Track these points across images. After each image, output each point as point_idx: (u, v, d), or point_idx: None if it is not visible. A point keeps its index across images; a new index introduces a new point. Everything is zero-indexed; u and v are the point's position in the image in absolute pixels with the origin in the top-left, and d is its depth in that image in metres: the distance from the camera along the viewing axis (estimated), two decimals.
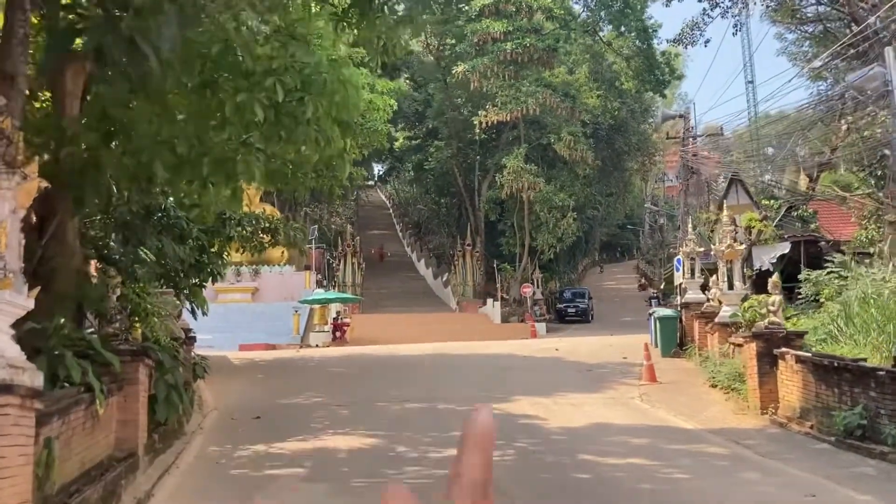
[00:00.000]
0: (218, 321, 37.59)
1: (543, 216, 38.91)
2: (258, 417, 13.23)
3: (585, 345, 25.30)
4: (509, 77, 39.37)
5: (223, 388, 17.05)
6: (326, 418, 13.18)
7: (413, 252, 61.80)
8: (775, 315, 12.67)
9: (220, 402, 15.12)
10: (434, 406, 14.15)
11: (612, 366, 20.16)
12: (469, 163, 50.33)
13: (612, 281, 71.95)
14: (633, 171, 61.06)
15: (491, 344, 27.60)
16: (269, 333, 35.38)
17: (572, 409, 13.75)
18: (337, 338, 34.36)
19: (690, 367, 19.10)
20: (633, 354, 22.15)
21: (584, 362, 20.71)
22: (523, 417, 12.91)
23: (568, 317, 42.20)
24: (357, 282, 44.83)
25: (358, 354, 24.35)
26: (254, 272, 42.33)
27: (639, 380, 17.55)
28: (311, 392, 16.28)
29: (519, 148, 39.53)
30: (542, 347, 24.76)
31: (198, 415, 13.67)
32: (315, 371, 20.54)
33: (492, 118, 38.82)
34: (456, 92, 45.08)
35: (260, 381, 18.64)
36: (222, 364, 22.19)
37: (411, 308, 43.98)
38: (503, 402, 14.52)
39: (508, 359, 21.84)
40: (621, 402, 14.69)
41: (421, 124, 52.39)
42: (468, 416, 0.73)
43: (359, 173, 21.63)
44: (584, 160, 39.08)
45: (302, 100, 7.53)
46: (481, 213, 46.58)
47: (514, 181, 38.13)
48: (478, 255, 44.58)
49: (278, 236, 13.50)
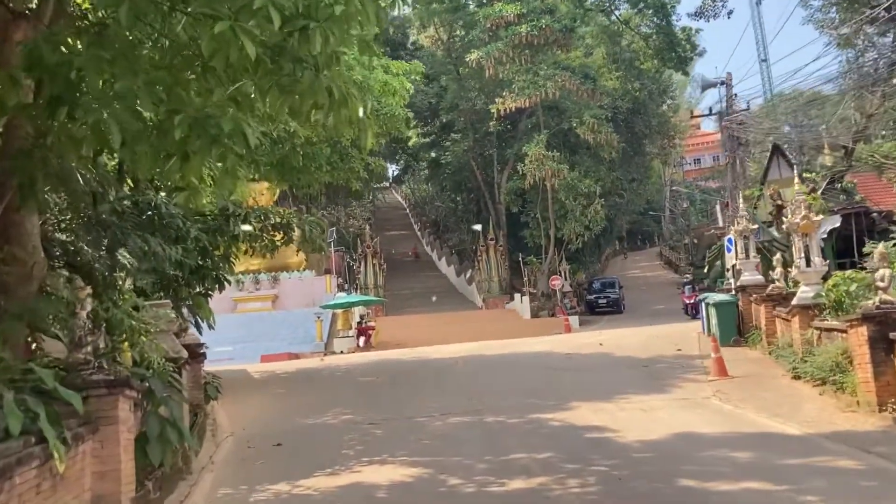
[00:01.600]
0: (238, 332, 35.72)
1: (569, 204, 36.66)
2: (279, 444, 11.13)
3: (630, 337, 23.04)
4: (525, 61, 37.15)
5: (240, 407, 14.99)
6: (359, 441, 11.05)
7: (433, 251, 59.79)
8: (886, 292, 10.39)
9: (237, 426, 13.04)
10: (481, 419, 11.98)
11: (669, 360, 17.91)
12: (486, 156, 48.17)
13: (636, 269, 69.45)
14: (653, 155, 58.66)
15: (525, 341, 25.46)
16: (292, 342, 33.44)
17: (644, 416, 11.54)
18: (362, 343, 32.29)
19: (759, 357, 16.82)
20: (687, 346, 19.95)
21: (635, 357, 18.48)
22: (590, 430, 10.71)
23: (599, 308, 39.98)
24: (379, 283, 42.77)
25: (386, 360, 22.24)
26: (272, 279, 40.44)
27: (706, 375, 15.31)
28: (339, 408, 14.17)
29: (539, 135, 37.26)
30: (583, 342, 22.53)
31: (210, 444, 11.59)
32: (342, 382, 18.45)
33: (509, 105, 36.62)
34: (469, 83, 42.91)
35: (281, 396, 16.56)
36: (241, 379, 20.17)
37: (436, 308, 41.93)
38: (560, 409, 12.34)
39: (550, 357, 19.65)
40: (697, 404, 12.45)
41: (434, 120, 50.24)
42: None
43: (377, 164, 19.40)
44: (609, 143, 36.78)
45: (306, 29, 5.38)
46: (502, 205, 44.39)
47: (536, 169, 35.91)
48: (501, 249, 42.38)
49: (292, 233, 11.36)
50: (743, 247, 20.34)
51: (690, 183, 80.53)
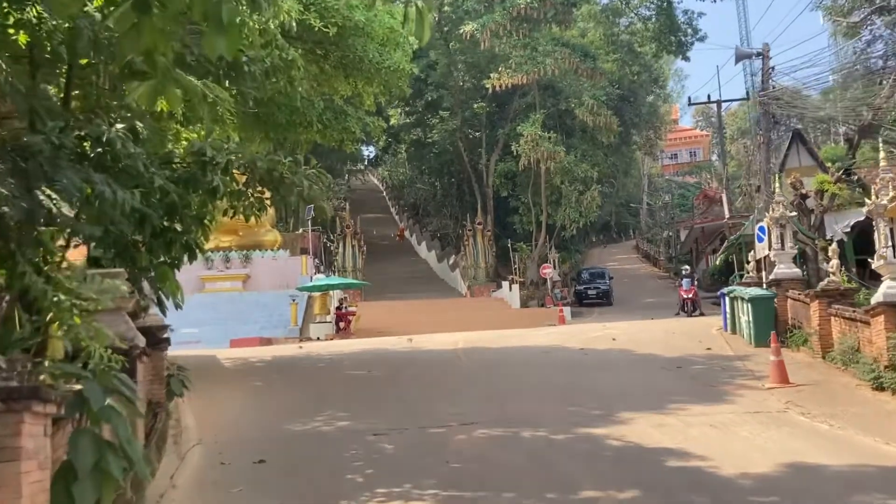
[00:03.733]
0: (205, 313, 32.59)
1: (565, 189, 34.16)
2: (262, 461, 8.46)
3: (643, 332, 20.64)
4: (523, 35, 34.46)
5: (210, 404, 12.26)
6: (366, 460, 8.43)
7: (412, 235, 57.06)
8: None
9: (207, 430, 10.34)
10: (517, 434, 9.42)
11: (702, 360, 15.55)
12: (473, 138, 45.53)
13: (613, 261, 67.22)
14: (639, 145, 56.49)
15: (523, 333, 22.98)
16: (264, 326, 30.59)
17: (723, 436, 9.09)
18: (341, 329, 29.54)
19: (809, 361, 14.48)
20: (712, 344, 17.67)
21: (661, 356, 16.08)
22: (667, 454, 8.22)
23: (587, 299, 37.62)
24: (358, 266, 39.95)
25: (374, 350, 19.57)
26: (244, 258, 37.39)
27: (759, 380, 12.94)
28: (332, 409, 11.53)
29: (535, 114, 34.68)
30: (592, 337, 20.09)
31: (172, 457, 8.89)
32: (329, 375, 15.76)
33: (505, 81, 33.93)
34: (460, 57, 40.15)
35: (259, 391, 13.83)
36: (210, 367, 17.39)
37: (417, 294, 39.25)
38: (611, 422, 9.85)
39: (563, 353, 17.18)
40: (775, 419, 10.05)
41: (419, 99, 47.36)
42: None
43: (375, 125, 16.65)
44: (609, 127, 34.33)
45: None
46: (490, 189, 41.77)
47: (531, 151, 33.31)
48: (489, 234, 39.81)
49: (283, 188, 8.63)
50: (778, 236, 18.04)
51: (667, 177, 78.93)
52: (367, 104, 16.72)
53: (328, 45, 15.12)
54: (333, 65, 15.55)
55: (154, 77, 4.60)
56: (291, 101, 14.95)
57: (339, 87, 15.87)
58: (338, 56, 15.41)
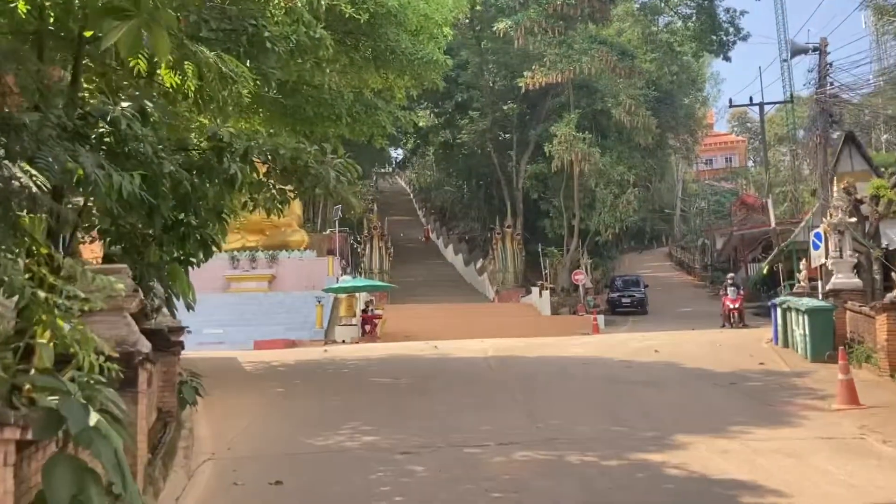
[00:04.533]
0: (230, 313, 32.00)
1: (599, 192, 33.00)
2: (279, 482, 7.57)
3: (686, 344, 19.51)
4: (559, 33, 33.39)
5: (228, 412, 11.44)
6: (394, 485, 7.52)
7: (439, 238, 56.16)
8: None
9: (221, 442, 9.50)
10: (561, 457, 8.43)
11: (756, 376, 14.42)
12: (502, 140, 44.52)
13: (646, 269, 65.71)
14: (675, 149, 55.08)
15: (556, 342, 21.94)
16: (289, 327, 29.85)
17: (797, 466, 8.03)
18: (366, 332, 28.71)
19: (876, 380, 13.26)
20: (763, 357, 16.57)
21: (710, 371, 14.98)
22: (738, 488, 7.18)
23: (621, 307, 36.41)
24: (385, 268, 39.11)
25: (400, 356, 18.67)
26: (270, 258, 36.78)
27: (823, 400, 11.83)
28: (356, 421, 10.63)
29: (570, 114, 33.58)
30: (635, 348, 19.00)
31: (181, 473, 8.02)
32: (354, 382, 14.88)
33: (539, 80, 32.88)
34: (492, 57, 39.17)
35: (279, 399, 12.98)
36: (230, 370, 16.63)
37: (444, 298, 38.29)
38: (667, 447, 8.82)
39: (604, 365, 16.12)
40: (853, 447, 8.95)
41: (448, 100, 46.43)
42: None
43: (407, 119, 15.73)
44: (646, 128, 33.11)
45: None
46: (520, 192, 40.68)
47: (564, 151, 32.20)
48: (518, 238, 38.73)
49: (307, 179, 7.75)
50: (836, 244, 16.85)
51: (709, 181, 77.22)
52: (398, 98, 15.87)
53: (359, 34, 14.29)
54: (364, 55, 14.71)
55: (136, 15, 3.72)
56: (320, 92, 14.18)
57: (370, 79, 15.04)
58: (369, 46, 14.57)
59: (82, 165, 4.92)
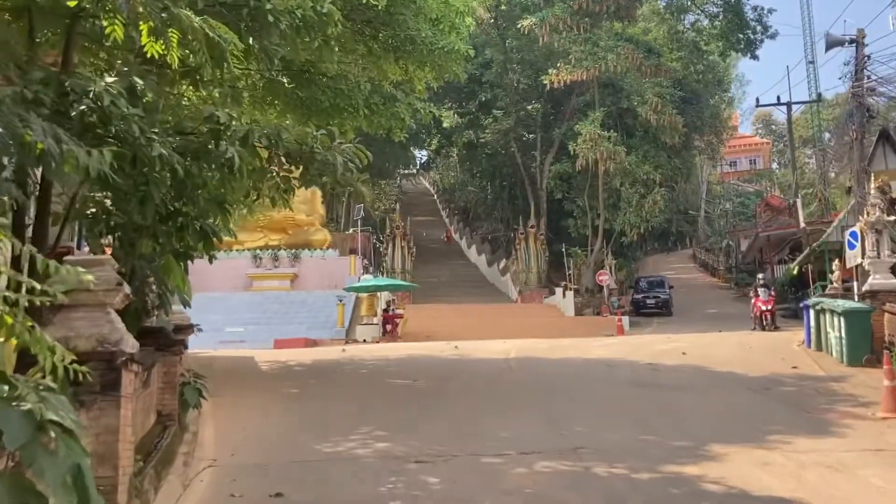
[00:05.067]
0: (251, 312, 31.57)
1: (625, 192, 32.07)
2: (279, 495, 6.90)
3: (714, 346, 18.62)
4: (584, 30, 32.52)
5: (236, 413, 10.83)
6: (405, 497, 6.84)
7: (462, 238, 55.47)
8: None
9: (224, 447, 8.87)
10: (589, 470, 7.67)
11: (790, 381, 13.52)
12: (525, 140, 43.71)
13: (669, 270, 64.39)
14: (700, 150, 53.89)
15: (579, 343, 21.12)
16: (311, 326, 29.32)
17: (846, 481, 7.22)
18: (387, 332, 28.07)
19: None
20: (796, 360, 15.64)
21: (742, 375, 14.09)
22: None
23: (645, 309, 35.40)
24: (407, 268, 38.47)
25: (420, 357, 17.98)
26: (293, 256, 36.36)
27: (865, 407, 10.92)
28: (370, 426, 9.94)
29: (594, 112, 32.69)
30: (661, 350, 18.13)
31: (175, 482, 7.38)
32: (370, 383, 14.20)
33: (564, 77, 32.04)
34: (516, 55, 38.37)
35: (292, 401, 12.33)
36: (245, 370, 16.06)
37: (466, 298, 37.58)
38: (703, 458, 8.03)
39: (629, 368, 15.28)
40: None
41: (472, 100, 45.70)
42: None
43: (426, 112, 15.01)
44: (673, 127, 32.11)
45: None
46: (544, 192, 39.84)
47: (589, 150, 31.32)
48: (542, 238, 37.87)
49: (313, 166, 7.06)
50: (874, 243, 15.87)
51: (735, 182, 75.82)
52: (418, 90, 15.17)
53: (378, 23, 13.62)
54: (382, 45, 14.03)
55: None
56: (336, 82, 13.53)
57: (389, 69, 14.34)
58: (387, 35, 13.90)
59: (33, 133, 4.26)
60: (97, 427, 5.58)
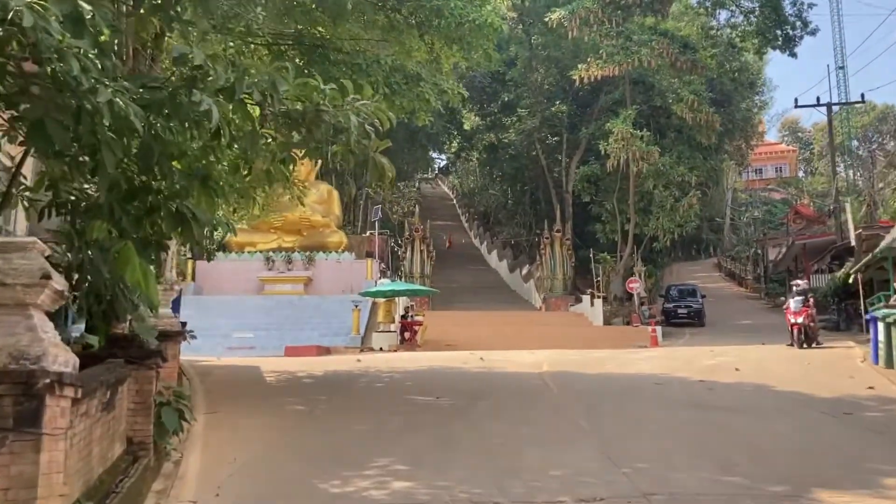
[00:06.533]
0: (263, 317, 29.89)
1: (658, 195, 30.18)
2: None
3: (767, 361, 16.82)
4: (616, 24, 30.76)
5: (230, 437, 9.17)
6: None
7: (482, 243, 53.76)
8: None
9: (210, 482, 7.20)
10: None
11: (871, 404, 11.68)
12: (550, 143, 41.96)
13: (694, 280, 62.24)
14: (730, 154, 51.86)
15: (616, 356, 19.43)
16: (324, 333, 27.69)
17: None
18: (406, 339, 26.39)
19: None
20: (866, 379, 13.83)
21: (809, 395, 12.28)
22: None
23: (677, 318, 33.48)
24: (426, 272, 36.79)
25: (443, 369, 16.30)
26: (307, 259, 34.80)
27: None
28: (387, 456, 8.24)
29: (626, 110, 30.88)
30: (709, 365, 16.33)
31: None
32: (387, 400, 12.48)
33: (594, 72, 30.27)
34: (542, 52, 36.67)
35: (298, 421, 10.64)
36: (249, 382, 14.44)
37: (488, 305, 35.84)
38: None
39: (680, 385, 13.49)
40: None
41: (494, 101, 44.01)
42: None
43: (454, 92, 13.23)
44: (710, 126, 30.22)
45: None
46: (569, 195, 38.03)
47: (621, 150, 29.50)
48: (568, 243, 36.05)
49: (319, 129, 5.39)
50: None
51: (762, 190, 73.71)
52: (444, 69, 13.51)
53: None
54: (406, 18, 12.41)
55: None
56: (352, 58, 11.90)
57: (412, 45, 12.71)
58: (411, 7, 12.27)
59: None
60: (4, 479, 3.94)
